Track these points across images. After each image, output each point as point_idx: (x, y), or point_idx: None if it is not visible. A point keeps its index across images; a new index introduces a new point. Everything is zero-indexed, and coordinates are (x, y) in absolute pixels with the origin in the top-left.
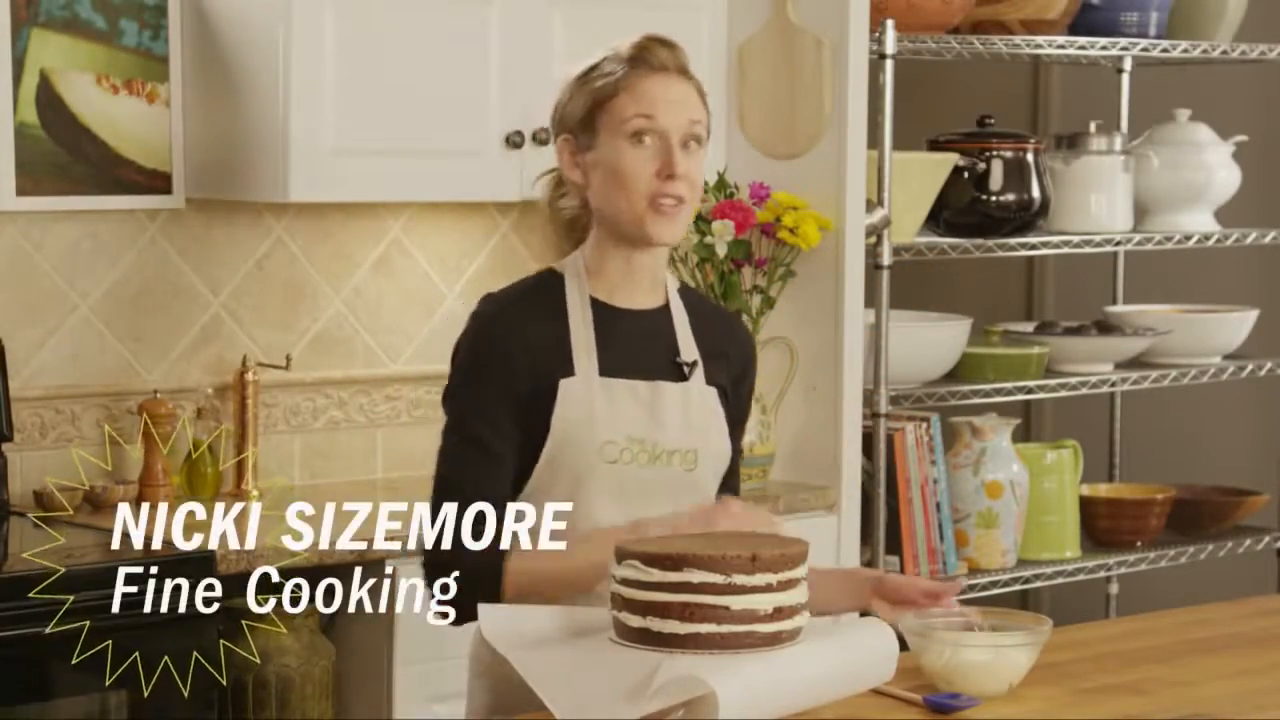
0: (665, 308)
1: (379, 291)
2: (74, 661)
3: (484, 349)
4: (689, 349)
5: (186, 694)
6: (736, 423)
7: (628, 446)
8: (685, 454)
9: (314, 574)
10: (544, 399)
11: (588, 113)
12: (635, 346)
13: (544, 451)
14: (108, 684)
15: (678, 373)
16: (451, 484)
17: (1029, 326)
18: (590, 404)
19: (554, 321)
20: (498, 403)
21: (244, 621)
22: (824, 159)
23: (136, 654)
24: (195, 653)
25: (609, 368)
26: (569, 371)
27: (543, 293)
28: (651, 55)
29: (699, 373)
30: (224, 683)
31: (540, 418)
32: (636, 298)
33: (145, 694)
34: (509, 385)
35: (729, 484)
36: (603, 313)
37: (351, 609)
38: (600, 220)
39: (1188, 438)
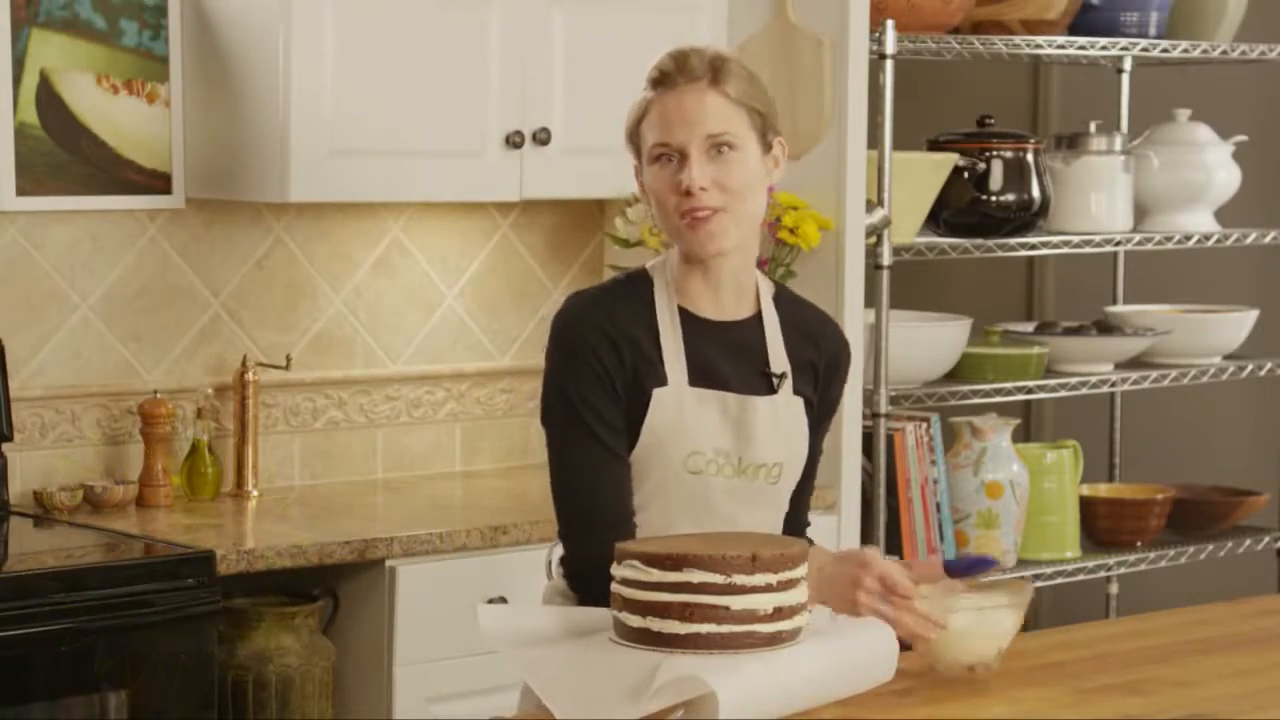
0: (756, 317)
1: (379, 291)
2: (74, 661)
3: (575, 345)
4: (779, 360)
5: (186, 694)
6: (819, 423)
7: (714, 459)
8: (771, 468)
9: (314, 574)
10: (637, 401)
11: (630, 139)
12: (724, 358)
13: (631, 456)
14: (107, 684)
15: (767, 385)
16: (580, 492)
17: (1029, 326)
18: (680, 414)
19: (644, 326)
20: (600, 396)
21: (243, 622)
22: (824, 159)
23: (136, 654)
24: (195, 653)
25: (698, 378)
26: (661, 380)
27: (634, 294)
28: (667, 76)
29: (787, 384)
30: (223, 683)
31: (632, 419)
32: (724, 308)
33: (145, 694)
34: (608, 377)
35: (805, 487)
36: (690, 323)
37: (351, 609)
38: None
39: (1188, 438)
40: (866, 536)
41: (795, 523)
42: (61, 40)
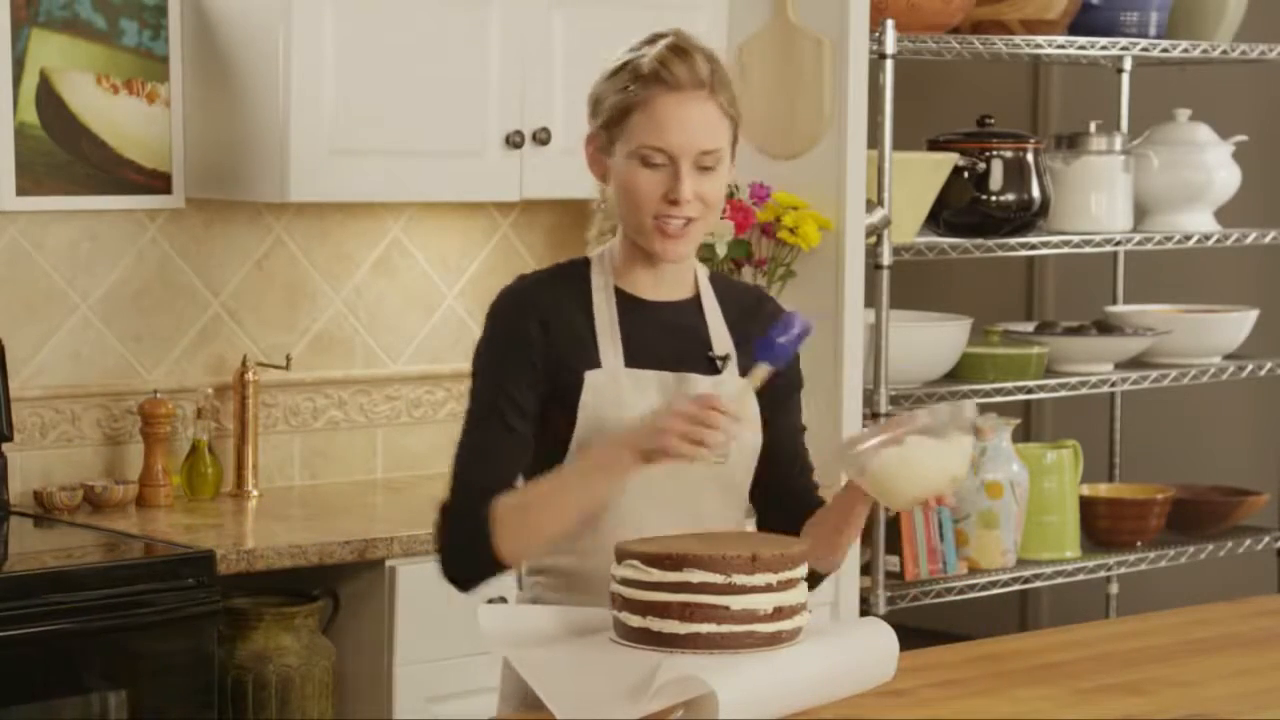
0: (696, 299)
1: (379, 291)
2: (74, 661)
3: (508, 323)
4: (722, 342)
5: (186, 694)
6: (789, 397)
7: None
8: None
9: (314, 574)
10: (571, 388)
11: (607, 120)
12: (664, 339)
13: (573, 440)
14: (107, 684)
15: (710, 367)
16: (472, 460)
17: (1029, 326)
18: (618, 396)
19: (580, 310)
20: (520, 378)
21: (243, 622)
22: (824, 159)
23: (136, 654)
24: (195, 653)
25: (636, 359)
26: (595, 362)
27: (571, 279)
28: (669, 72)
29: (732, 365)
30: (223, 683)
31: (566, 406)
32: (663, 291)
33: (145, 694)
34: (531, 361)
35: (802, 470)
36: (628, 304)
37: (351, 609)
38: (619, 219)
39: (1188, 438)
40: (866, 536)
41: (807, 501)
42: (61, 40)
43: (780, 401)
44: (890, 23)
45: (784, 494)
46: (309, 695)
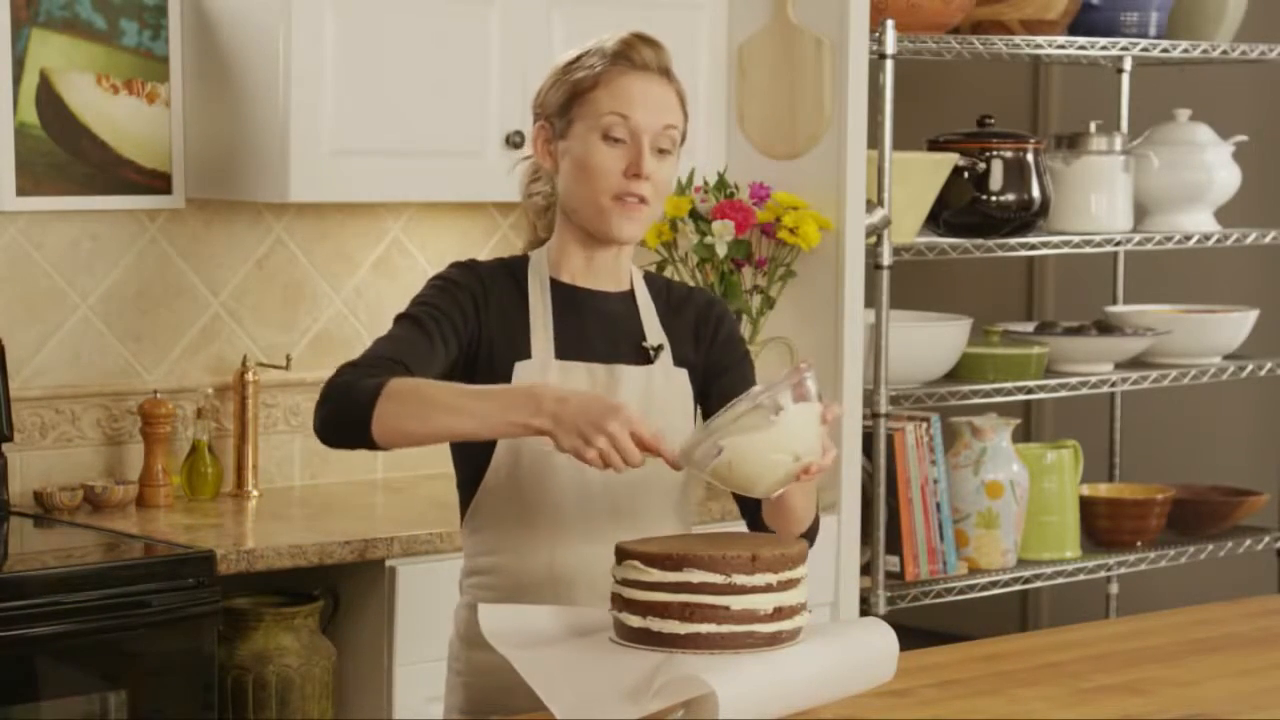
0: (629, 293)
1: (379, 291)
2: (74, 662)
3: (456, 277)
4: (654, 332)
5: (185, 694)
6: (740, 379)
7: None
8: None
9: (314, 574)
10: (500, 373)
11: (565, 102)
12: (596, 329)
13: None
14: (106, 684)
15: (643, 357)
16: (388, 342)
17: (1029, 326)
18: None
19: (516, 301)
20: (452, 312)
21: (243, 622)
22: (824, 159)
23: (136, 654)
24: (195, 653)
25: (567, 350)
26: (525, 353)
27: (511, 271)
28: (634, 53)
29: (665, 355)
30: (223, 683)
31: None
32: (598, 282)
33: (145, 694)
34: (464, 309)
35: None
36: (562, 293)
37: (351, 609)
38: (564, 210)
39: (1188, 438)
40: (866, 536)
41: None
42: (61, 40)
43: (739, 379)
44: (890, 23)
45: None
46: (309, 695)
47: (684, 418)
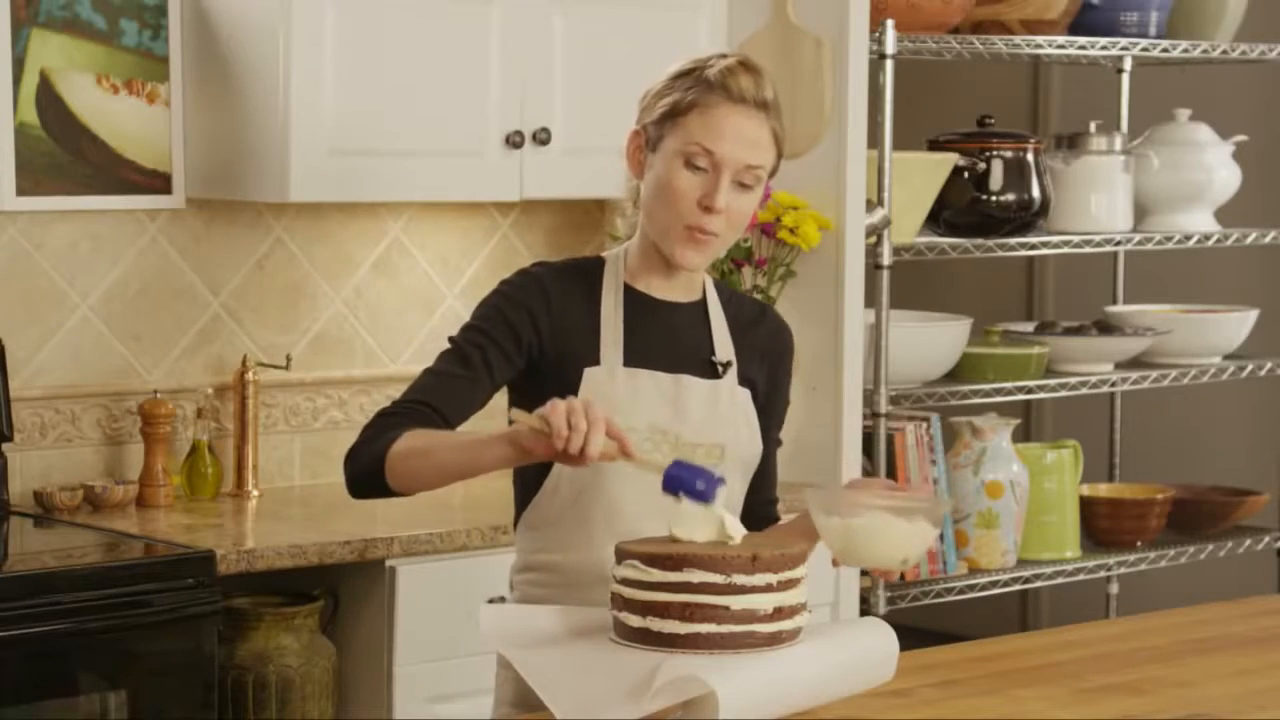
0: (702, 303)
1: (379, 291)
2: (73, 661)
3: (514, 295)
4: (724, 348)
5: (185, 694)
6: (773, 413)
7: (650, 436)
8: (710, 448)
9: (314, 574)
10: (569, 381)
11: (660, 118)
12: (667, 338)
13: None
14: (107, 684)
15: (711, 370)
16: (425, 381)
17: (1029, 326)
18: (613, 392)
19: (587, 306)
20: (504, 341)
21: (243, 622)
22: (824, 159)
23: (136, 654)
24: (195, 653)
25: (636, 358)
26: (595, 359)
27: (585, 275)
28: (732, 83)
29: (733, 372)
30: (223, 683)
31: (563, 398)
32: (673, 292)
33: (145, 694)
34: (518, 336)
35: (763, 485)
36: (636, 301)
37: (351, 609)
38: (642, 219)
39: (1188, 438)
40: None
41: (764, 516)
42: (61, 40)
43: (772, 412)
44: (890, 23)
45: (747, 506)
46: (309, 695)
47: (750, 433)
